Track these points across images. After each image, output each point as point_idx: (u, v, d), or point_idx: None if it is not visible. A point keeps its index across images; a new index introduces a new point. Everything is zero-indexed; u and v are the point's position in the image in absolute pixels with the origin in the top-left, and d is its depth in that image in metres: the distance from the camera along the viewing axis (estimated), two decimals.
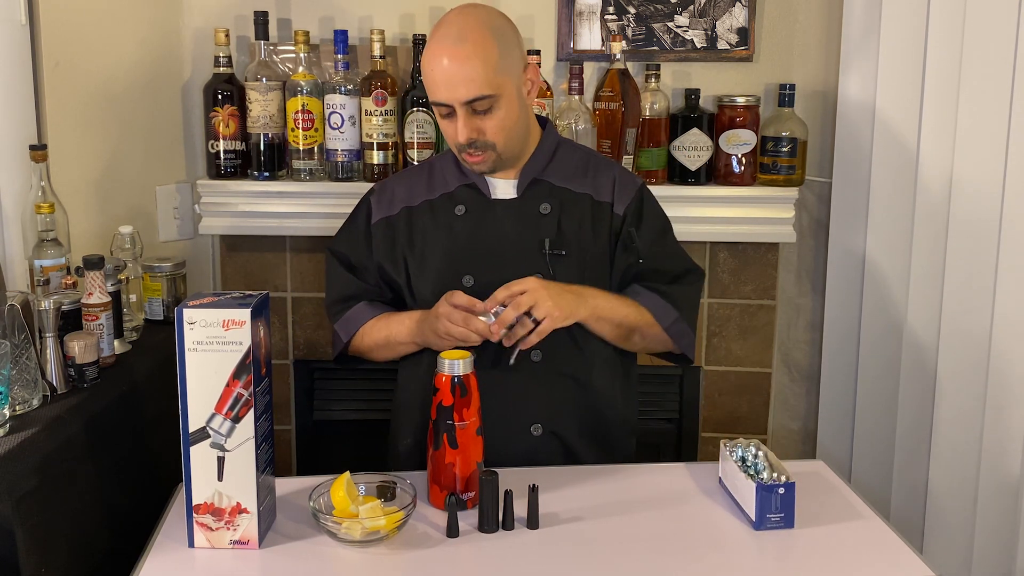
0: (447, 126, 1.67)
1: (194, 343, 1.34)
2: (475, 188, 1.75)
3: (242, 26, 2.36)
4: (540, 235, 1.71)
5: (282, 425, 2.47)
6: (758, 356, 2.43)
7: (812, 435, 2.48)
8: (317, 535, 1.44)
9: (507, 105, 1.64)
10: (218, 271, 2.47)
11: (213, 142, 2.28)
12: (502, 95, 1.62)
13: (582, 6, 2.34)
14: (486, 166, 1.69)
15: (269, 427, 1.45)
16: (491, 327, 1.57)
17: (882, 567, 1.39)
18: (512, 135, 1.67)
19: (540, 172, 1.75)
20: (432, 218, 1.75)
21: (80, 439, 1.59)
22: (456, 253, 1.72)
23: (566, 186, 1.75)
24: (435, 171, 1.81)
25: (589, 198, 1.75)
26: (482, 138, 1.64)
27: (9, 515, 1.39)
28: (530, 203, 1.73)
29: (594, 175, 1.77)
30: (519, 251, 1.70)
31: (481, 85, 1.59)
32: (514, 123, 1.67)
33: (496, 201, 1.74)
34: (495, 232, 1.72)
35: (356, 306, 1.80)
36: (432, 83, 1.63)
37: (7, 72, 1.89)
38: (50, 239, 1.82)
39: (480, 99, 1.60)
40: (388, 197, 1.80)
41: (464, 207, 1.74)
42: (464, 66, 1.58)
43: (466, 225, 1.73)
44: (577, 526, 1.47)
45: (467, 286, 1.69)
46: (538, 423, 1.71)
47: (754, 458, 1.53)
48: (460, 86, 1.59)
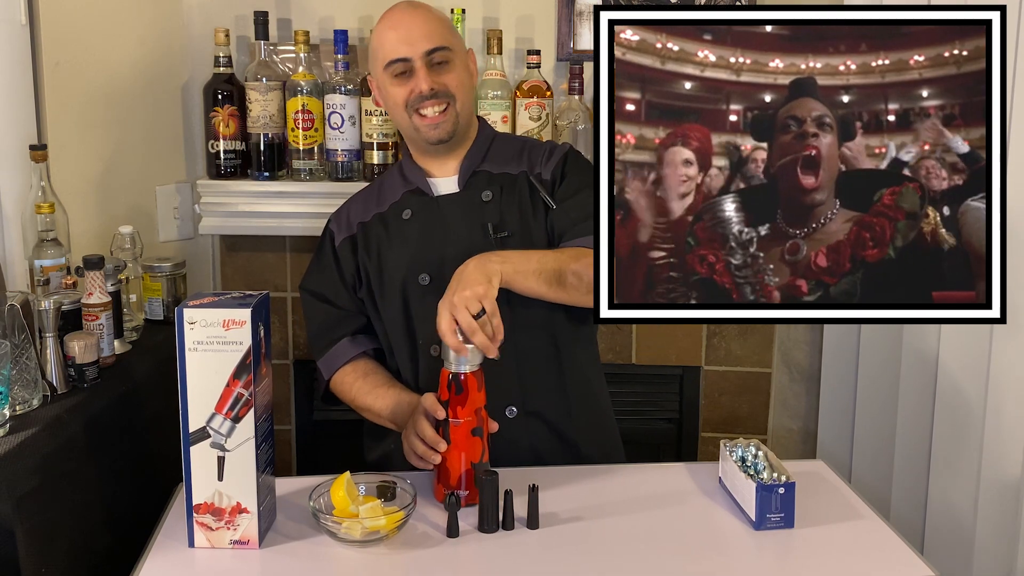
0: (400, 88, 1.71)
1: (194, 343, 1.35)
2: (418, 191, 1.78)
3: (242, 26, 2.36)
4: (484, 221, 1.72)
5: (282, 425, 2.47)
6: (758, 356, 2.43)
7: (812, 435, 2.48)
8: (317, 535, 1.44)
9: (461, 66, 1.73)
10: (218, 271, 2.47)
11: (213, 142, 2.28)
12: (456, 53, 1.72)
13: (582, 6, 2.34)
14: (446, 128, 1.71)
15: (269, 427, 1.45)
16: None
17: (882, 567, 1.39)
18: (468, 98, 1.75)
19: (479, 164, 1.79)
20: (384, 229, 1.78)
21: (80, 439, 1.59)
22: (409, 255, 1.74)
23: (504, 171, 1.78)
24: (384, 185, 1.85)
25: (525, 175, 1.78)
26: (443, 89, 1.69)
27: (9, 515, 1.39)
28: (472, 192, 1.76)
29: (529, 154, 1.81)
30: (466, 240, 1.71)
31: (440, 37, 1.70)
32: (469, 88, 1.75)
33: (439, 198, 1.77)
34: (442, 227, 1.74)
35: (339, 343, 1.80)
36: (389, 46, 1.70)
37: (7, 72, 1.89)
38: (50, 239, 1.82)
39: (440, 49, 1.69)
40: (345, 219, 1.83)
41: (410, 210, 1.77)
42: (422, 22, 1.69)
43: (414, 227, 1.76)
44: (577, 526, 1.48)
45: (423, 284, 1.71)
46: (511, 405, 1.70)
47: (754, 458, 1.54)
48: (420, 40, 1.68)
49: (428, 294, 1.69)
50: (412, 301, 1.73)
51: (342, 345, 1.80)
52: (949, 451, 2.27)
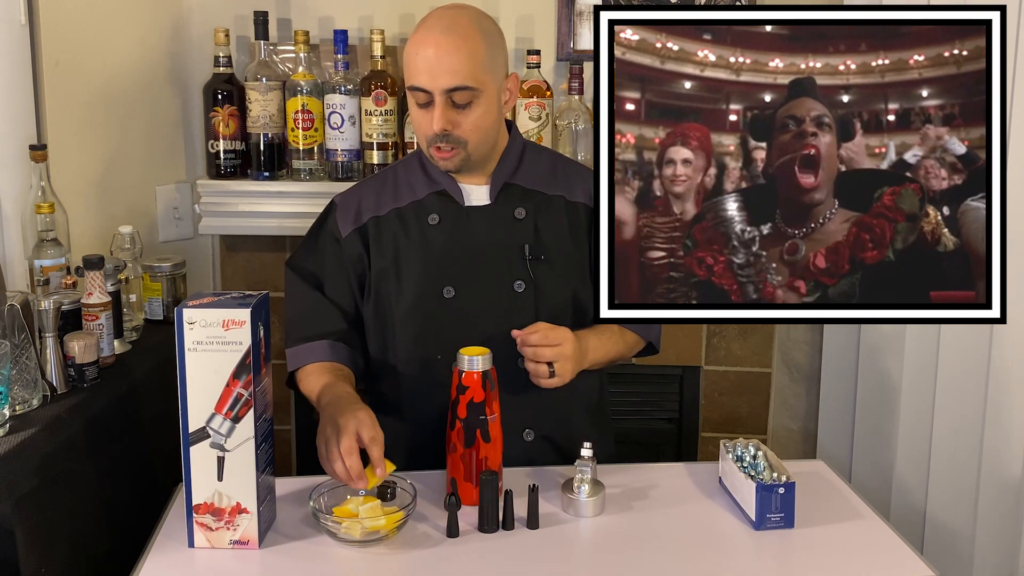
0: (421, 117, 1.64)
1: (194, 343, 1.34)
2: (446, 195, 1.72)
3: (242, 26, 2.36)
4: (517, 240, 1.69)
5: (282, 425, 2.47)
6: (758, 356, 2.43)
7: (812, 435, 2.48)
8: (317, 535, 1.44)
9: (486, 105, 1.62)
10: (218, 271, 2.47)
11: (213, 142, 2.28)
12: (483, 92, 1.61)
13: (582, 6, 2.34)
14: (453, 164, 1.65)
15: (269, 427, 1.46)
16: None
17: (882, 567, 1.39)
18: (485, 137, 1.65)
19: (511, 176, 1.73)
20: (402, 227, 1.71)
21: (80, 439, 1.59)
22: (433, 263, 1.69)
23: (538, 189, 1.74)
24: (399, 178, 1.77)
25: (563, 199, 1.74)
26: (456, 132, 1.61)
27: (9, 515, 1.39)
28: (504, 208, 1.71)
29: (564, 176, 1.77)
30: (499, 258, 1.69)
31: (465, 76, 1.58)
32: (490, 125, 1.65)
33: (470, 208, 1.71)
34: (471, 240, 1.70)
35: (318, 343, 1.72)
36: (414, 69, 1.60)
37: (7, 72, 1.89)
38: (50, 239, 1.82)
39: (461, 90, 1.58)
40: (354, 210, 1.75)
41: (438, 216, 1.70)
42: (450, 55, 1.57)
43: (441, 234, 1.70)
44: (577, 526, 1.48)
45: (447, 297, 1.67)
46: (530, 428, 1.71)
47: (754, 458, 1.54)
48: (443, 75, 1.57)
49: (451, 307, 1.67)
50: (429, 312, 1.68)
51: (320, 346, 1.72)
52: (949, 451, 2.27)
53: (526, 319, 1.63)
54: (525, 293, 1.68)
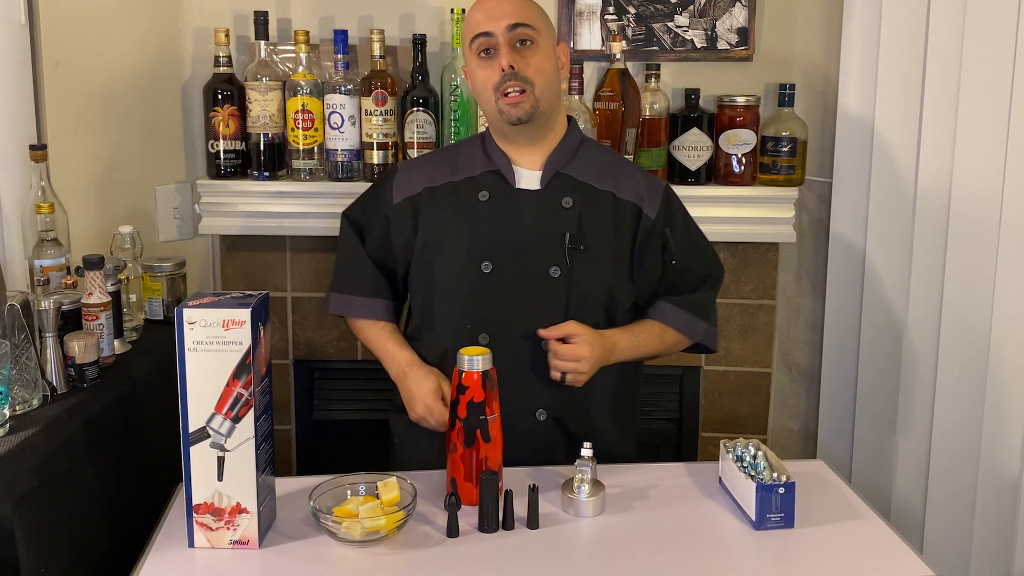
0: (486, 68, 1.70)
1: (194, 343, 1.35)
2: (500, 175, 1.76)
3: (242, 26, 2.36)
4: (561, 228, 1.73)
5: (282, 425, 2.47)
6: (758, 356, 2.43)
7: (812, 435, 2.48)
8: (317, 535, 1.44)
9: (545, 50, 1.70)
10: (218, 271, 2.47)
11: (213, 142, 2.28)
12: (542, 36, 1.70)
13: (582, 6, 2.34)
14: (524, 109, 1.69)
15: (269, 427, 1.46)
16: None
17: (882, 567, 1.39)
18: (549, 84, 1.71)
19: (564, 166, 1.77)
20: (454, 199, 1.77)
21: (80, 439, 1.59)
22: (477, 238, 1.73)
23: (589, 182, 1.77)
24: (461, 154, 1.83)
25: (612, 196, 1.77)
26: (522, 73, 1.67)
27: (9, 515, 1.39)
28: (553, 196, 1.75)
29: (616, 174, 1.80)
30: (539, 242, 1.72)
31: (524, 15, 1.68)
32: (552, 72, 1.71)
33: (520, 191, 1.76)
34: (516, 221, 1.74)
35: (376, 300, 1.83)
36: (476, 20, 1.69)
37: (7, 72, 1.89)
38: (50, 239, 1.82)
39: (523, 26, 1.67)
40: (410, 177, 1.81)
41: (488, 193, 1.75)
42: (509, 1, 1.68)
43: (488, 211, 1.74)
44: (577, 526, 1.48)
45: (485, 271, 1.72)
46: (543, 408, 1.73)
47: (754, 458, 1.54)
48: (505, 16, 1.67)
49: (488, 281, 1.71)
50: (467, 283, 1.73)
51: (378, 303, 1.83)
52: (948, 452, 2.27)
53: (557, 304, 1.70)
54: (559, 279, 1.71)
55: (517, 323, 1.70)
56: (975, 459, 2.26)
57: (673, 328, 1.81)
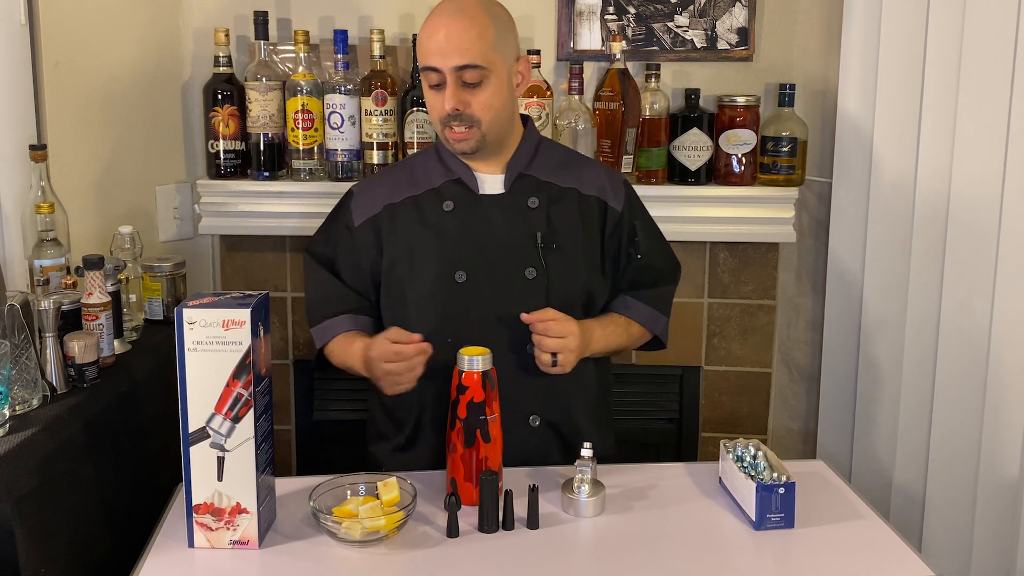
0: (434, 99, 1.68)
1: (194, 343, 1.35)
2: (461, 183, 1.75)
3: (242, 26, 2.36)
4: (530, 229, 1.72)
5: (282, 425, 2.47)
6: (758, 356, 2.43)
7: (812, 435, 2.48)
8: (317, 535, 1.44)
9: (496, 85, 1.66)
10: (218, 271, 2.47)
11: (213, 142, 2.28)
12: (492, 72, 1.65)
13: (582, 6, 2.34)
14: (468, 145, 1.69)
15: (269, 427, 1.45)
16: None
17: (882, 567, 1.39)
18: (498, 117, 1.69)
19: (525, 167, 1.77)
20: (417, 214, 1.75)
21: (80, 439, 1.59)
22: (447, 249, 1.72)
23: (552, 181, 1.77)
24: (417, 167, 1.81)
25: (576, 192, 1.77)
26: (468, 111, 1.65)
27: (9, 515, 1.39)
28: (518, 197, 1.74)
29: (577, 170, 1.80)
30: (511, 245, 1.72)
31: (474, 55, 1.62)
32: (501, 105, 1.68)
33: (484, 196, 1.75)
34: (485, 227, 1.73)
35: (338, 317, 1.77)
36: (426, 50, 1.65)
37: (7, 72, 1.89)
38: (50, 239, 1.82)
39: (471, 68, 1.62)
40: (369, 198, 1.79)
41: (452, 203, 1.74)
42: (460, 35, 1.62)
43: (455, 221, 1.73)
44: (577, 526, 1.48)
45: (460, 281, 1.70)
46: (536, 415, 1.72)
47: (754, 458, 1.54)
48: (453, 53, 1.62)
49: (463, 292, 1.70)
50: (442, 295, 1.71)
51: (342, 319, 1.77)
52: (948, 451, 2.27)
53: (536, 306, 1.67)
54: (536, 280, 1.71)
55: (498, 330, 1.67)
56: (975, 459, 2.26)
57: (637, 322, 1.82)
